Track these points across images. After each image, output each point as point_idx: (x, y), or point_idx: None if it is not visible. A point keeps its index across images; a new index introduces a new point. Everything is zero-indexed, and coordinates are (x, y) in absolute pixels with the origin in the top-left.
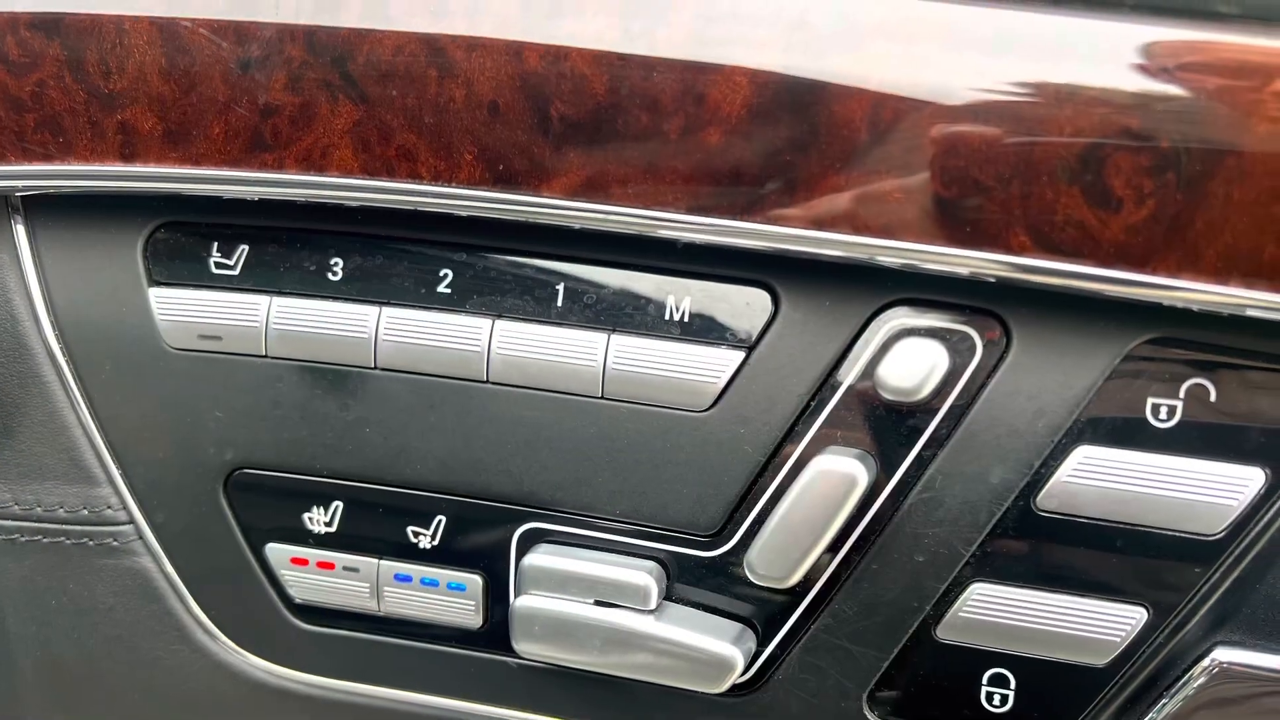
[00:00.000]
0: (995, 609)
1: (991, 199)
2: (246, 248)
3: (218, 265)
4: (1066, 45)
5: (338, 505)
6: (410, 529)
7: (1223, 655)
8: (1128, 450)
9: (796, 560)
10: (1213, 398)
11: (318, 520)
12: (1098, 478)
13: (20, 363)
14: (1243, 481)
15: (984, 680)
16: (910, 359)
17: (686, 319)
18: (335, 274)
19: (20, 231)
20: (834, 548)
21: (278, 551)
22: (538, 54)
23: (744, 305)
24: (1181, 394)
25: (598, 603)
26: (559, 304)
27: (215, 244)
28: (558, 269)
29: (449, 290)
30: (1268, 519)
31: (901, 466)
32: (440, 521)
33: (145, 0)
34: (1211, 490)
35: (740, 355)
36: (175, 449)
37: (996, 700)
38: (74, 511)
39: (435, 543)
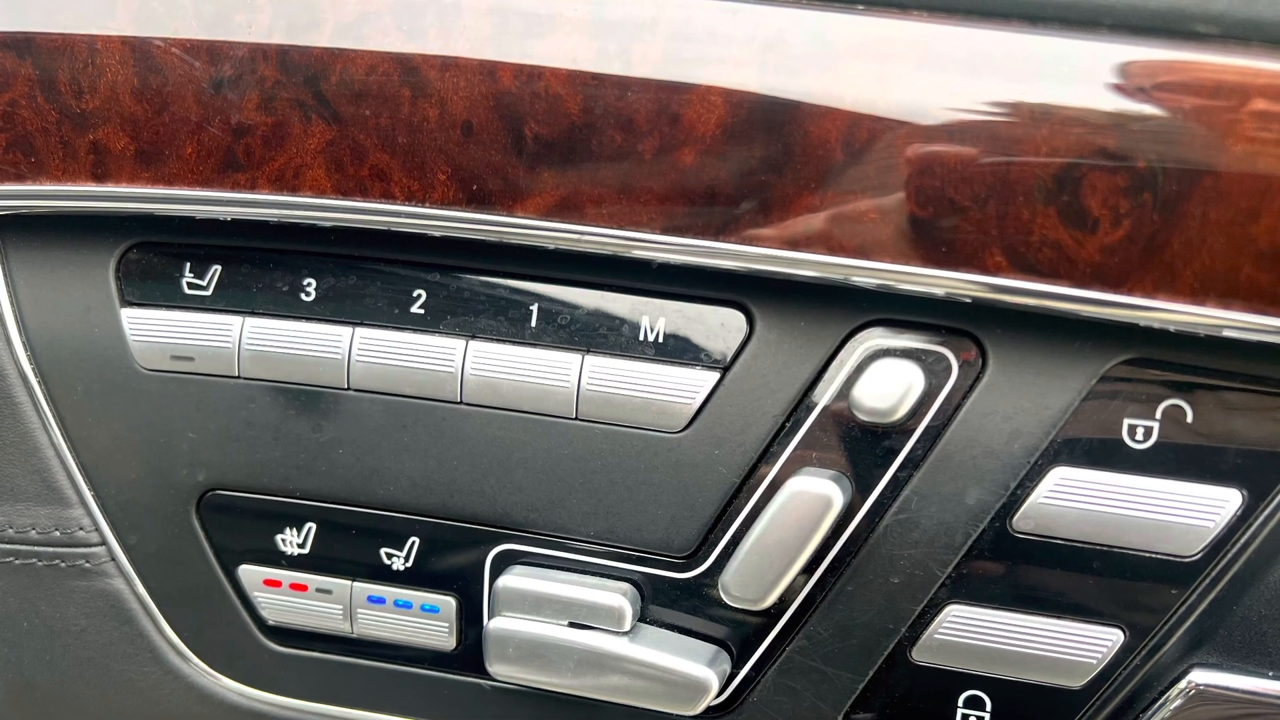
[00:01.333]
0: (971, 631)
1: (967, 219)
2: (219, 268)
3: (190, 286)
4: (1043, 65)
5: (311, 527)
6: (383, 550)
7: (1199, 677)
8: (1104, 471)
9: (771, 582)
10: (1189, 419)
11: (290, 542)
12: (1074, 499)
13: None
14: (1219, 502)
15: (960, 702)
16: (886, 380)
17: (661, 340)
18: (308, 294)
19: None
20: (809, 569)
21: (250, 573)
22: (511, 73)
23: (719, 326)
24: (1158, 415)
25: (572, 624)
26: (533, 325)
27: (188, 264)
28: (532, 289)
29: (422, 311)
30: (1244, 540)
31: (877, 488)
32: (414, 543)
33: (117, 20)
34: (1188, 511)
35: (715, 376)
36: (147, 470)
37: None
38: (46, 533)
39: (409, 564)
